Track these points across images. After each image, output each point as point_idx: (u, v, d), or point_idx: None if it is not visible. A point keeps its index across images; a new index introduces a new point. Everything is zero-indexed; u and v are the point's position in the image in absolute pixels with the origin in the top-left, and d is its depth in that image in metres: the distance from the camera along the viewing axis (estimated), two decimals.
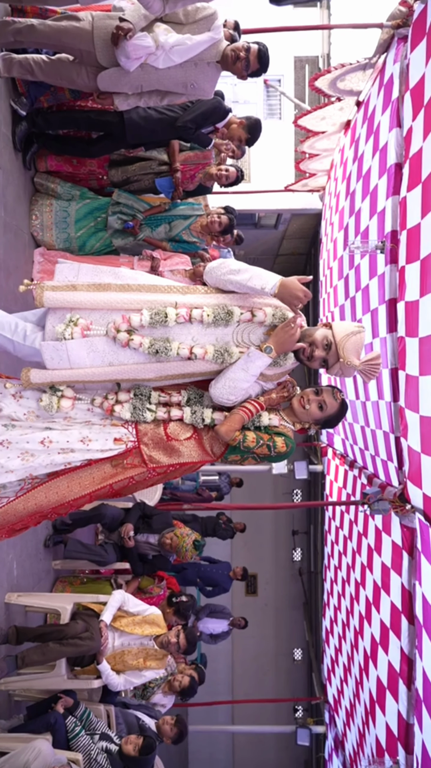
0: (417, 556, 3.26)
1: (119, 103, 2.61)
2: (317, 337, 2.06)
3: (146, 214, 3.41)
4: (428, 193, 2.90)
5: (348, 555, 5.01)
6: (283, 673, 10.49)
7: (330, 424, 2.21)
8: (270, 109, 7.51)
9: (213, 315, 2.03)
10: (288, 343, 2.02)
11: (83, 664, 3.28)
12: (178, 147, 3.36)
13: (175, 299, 2.06)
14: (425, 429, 2.94)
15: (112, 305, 2.02)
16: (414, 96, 3.18)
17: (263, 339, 2.09)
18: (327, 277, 5.82)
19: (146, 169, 3.36)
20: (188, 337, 2.06)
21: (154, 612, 3.41)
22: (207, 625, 5.97)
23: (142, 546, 4.01)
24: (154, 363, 2.04)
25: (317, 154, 5.41)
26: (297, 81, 7.25)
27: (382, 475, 4.01)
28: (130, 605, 3.39)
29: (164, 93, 2.56)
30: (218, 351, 2.04)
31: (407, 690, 3.37)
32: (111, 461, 2.01)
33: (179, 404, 2.12)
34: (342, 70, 4.03)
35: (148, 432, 2.06)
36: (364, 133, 4.33)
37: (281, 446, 2.08)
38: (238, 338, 2.09)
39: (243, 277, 2.02)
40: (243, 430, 2.08)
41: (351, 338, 2.03)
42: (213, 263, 2.09)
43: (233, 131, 3.42)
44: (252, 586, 10.65)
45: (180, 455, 2.06)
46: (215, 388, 2.05)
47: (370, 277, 3.99)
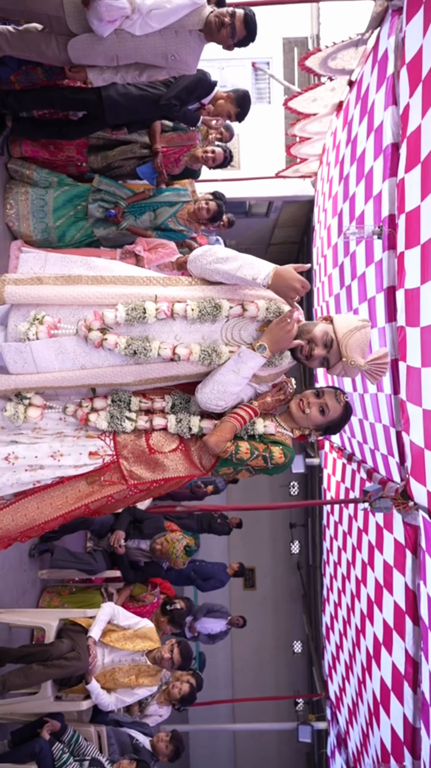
0: (421, 555, 3.14)
1: (93, 78, 2.41)
2: (316, 333, 1.85)
3: (129, 201, 3.21)
4: (428, 174, 2.74)
5: (347, 551, 4.89)
6: (283, 666, 10.46)
7: (332, 430, 1.99)
8: (259, 93, 7.29)
9: (198, 309, 1.81)
10: (284, 340, 1.81)
11: (71, 684, 3.08)
12: (159, 128, 3.15)
13: (155, 292, 1.83)
14: (428, 423, 2.80)
15: (82, 300, 1.79)
16: (410, 71, 3.00)
17: (256, 336, 1.89)
18: (321, 265, 5.65)
19: (127, 153, 3.15)
20: (170, 335, 1.85)
21: (146, 625, 3.22)
22: (204, 625, 5.85)
23: (133, 552, 3.84)
24: (132, 365, 1.83)
25: (308, 137, 5.22)
26: (287, 63, 7.03)
27: (382, 470, 3.87)
28: (120, 618, 3.20)
29: (143, 66, 2.36)
30: (205, 351, 1.83)
31: (413, 693, 3.25)
32: (86, 478, 1.80)
33: (163, 411, 1.91)
34: (334, 48, 3.84)
35: (127, 444, 1.85)
36: (358, 114, 4.15)
37: (279, 457, 1.87)
38: (228, 336, 1.88)
39: (232, 265, 1.80)
40: (236, 440, 1.87)
41: (354, 334, 1.82)
42: (197, 251, 1.87)
43: (221, 106, 3.20)
44: (251, 579, 10.58)
45: (164, 469, 1.85)
46: (202, 393, 1.84)
47: (367, 265, 3.83)
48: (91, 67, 2.37)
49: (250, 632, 9.53)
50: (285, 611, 10.48)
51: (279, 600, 10.56)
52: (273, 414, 2.00)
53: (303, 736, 6.41)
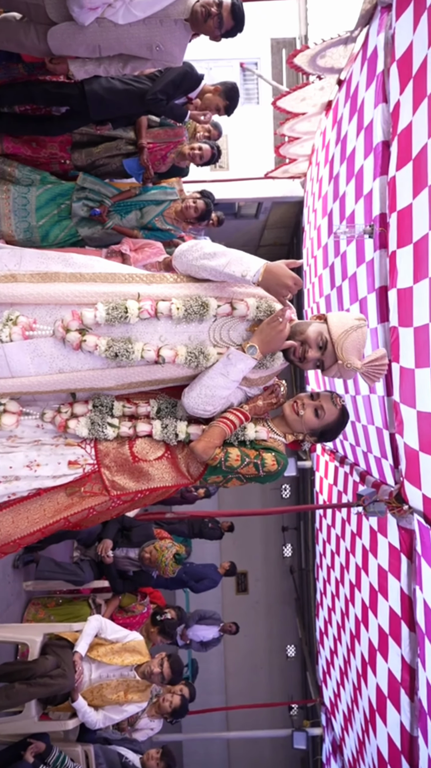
0: (416, 559, 3.08)
1: (75, 70, 2.33)
2: (310, 334, 1.75)
3: (115, 199, 3.12)
4: (419, 171, 2.69)
5: (341, 555, 4.82)
6: (277, 671, 10.38)
7: (328, 436, 1.89)
8: (247, 94, 7.25)
9: (184, 308, 1.71)
10: (276, 340, 1.72)
11: (56, 702, 2.94)
12: (145, 123, 3.07)
13: (138, 290, 1.73)
14: (423, 425, 2.74)
15: (60, 299, 1.68)
16: (401, 67, 2.96)
17: (246, 337, 1.79)
18: (311, 266, 5.61)
19: (112, 150, 3.06)
20: (154, 336, 1.74)
21: (134, 638, 3.10)
22: (196, 633, 5.75)
23: (122, 562, 3.72)
24: (114, 369, 1.72)
25: (297, 137, 5.18)
26: (275, 64, 7.00)
27: (375, 473, 3.81)
28: (107, 632, 3.07)
29: (127, 58, 2.28)
30: (191, 353, 1.72)
31: (410, 701, 3.19)
32: (65, 489, 1.69)
33: (148, 416, 1.81)
34: (322, 46, 3.80)
35: (110, 452, 1.74)
36: (347, 113, 4.10)
37: (271, 464, 1.76)
38: (216, 336, 1.77)
39: (220, 261, 1.70)
40: (225, 447, 1.76)
41: (350, 335, 1.72)
42: (183, 246, 1.77)
43: (209, 100, 3.12)
44: (243, 584, 10.50)
45: (149, 479, 1.74)
46: (189, 398, 1.74)
47: (358, 265, 3.78)
48: (72, 58, 2.29)
49: (243, 637, 9.45)
50: (278, 615, 10.42)
51: (271, 604, 10.49)
52: (265, 419, 1.91)
53: (298, 743, 6.34)
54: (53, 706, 2.98)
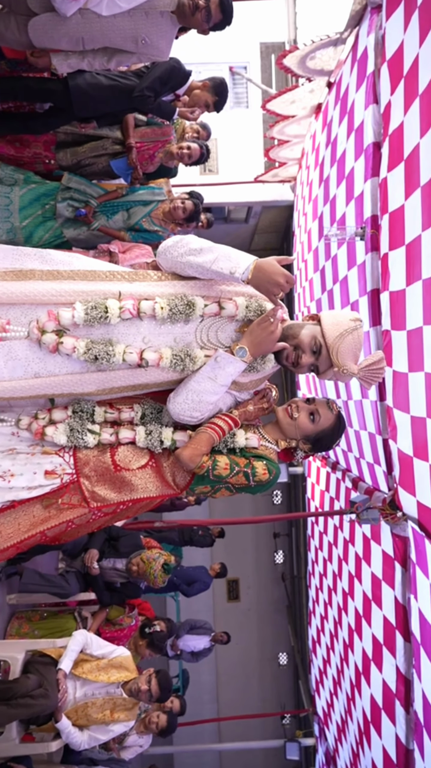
0: (411, 567, 3.01)
1: (57, 64, 2.25)
2: (303, 339, 1.66)
3: (101, 200, 3.04)
4: (411, 171, 2.65)
5: (333, 562, 4.75)
6: (269, 679, 10.28)
7: (323, 443, 1.78)
8: (236, 98, 7.22)
9: (169, 308, 1.61)
10: (267, 342, 1.62)
11: (39, 723, 2.81)
12: (132, 122, 2.99)
13: (119, 288, 1.63)
14: (417, 431, 2.68)
15: (35, 298, 1.57)
16: (391, 67, 2.93)
17: (235, 338, 1.69)
18: (302, 270, 5.57)
19: (98, 149, 2.99)
20: (137, 337, 1.64)
21: (121, 654, 2.98)
22: (187, 643, 5.64)
23: (109, 573, 3.61)
24: (94, 373, 1.62)
25: (287, 140, 5.14)
26: (264, 68, 6.97)
27: (368, 479, 3.75)
28: (93, 647, 2.95)
29: (111, 52, 2.21)
30: (177, 355, 1.62)
31: (405, 713, 3.12)
32: (41, 501, 1.58)
33: (131, 422, 1.70)
34: (312, 47, 3.76)
35: (89, 460, 1.63)
36: (337, 115, 4.07)
37: (262, 473, 1.66)
38: (203, 338, 1.68)
39: (207, 258, 1.61)
40: (213, 454, 1.66)
41: (345, 339, 1.63)
42: (168, 241, 1.67)
43: (197, 96, 3.05)
44: (234, 591, 10.40)
45: (132, 489, 1.63)
46: (174, 403, 1.64)
47: (349, 268, 3.74)
48: (54, 51, 2.22)
49: (235, 645, 9.34)
50: (270, 623, 10.32)
51: (263, 611, 10.40)
52: (256, 425, 1.81)
53: (291, 754, 6.24)
54: (36, 726, 2.85)
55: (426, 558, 2.75)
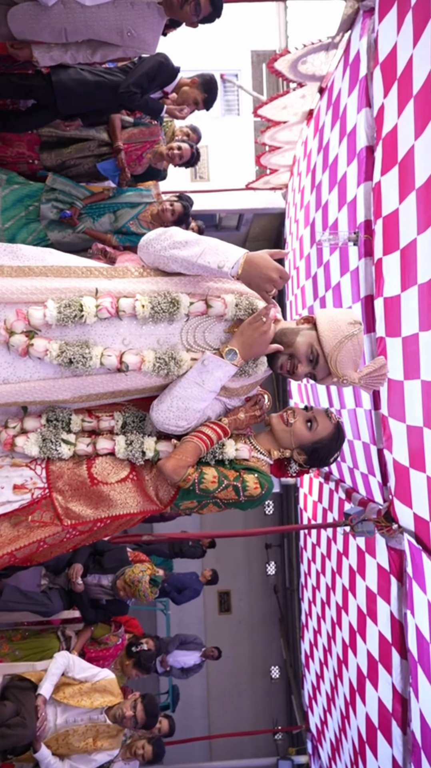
0: (407, 582, 2.92)
1: (39, 56, 2.17)
2: (299, 348, 1.53)
3: (86, 201, 2.95)
4: (406, 174, 2.59)
5: (326, 575, 4.65)
6: (261, 693, 10.10)
7: (319, 455, 1.64)
8: (227, 105, 7.20)
9: (150, 306, 1.47)
10: (259, 343, 1.50)
11: (16, 753, 2.66)
12: (119, 123, 2.91)
13: (96, 285, 1.49)
14: (413, 440, 2.60)
15: (2, 296, 1.44)
16: (384, 70, 2.88)
17: (224, 339, 1.56)
18: (293, 278, 5.51)
19: (84, 151, 2.89)
20: (116, 339, 1.50)
21: (105, 677, 2.82)
22: (177, 659, 5.49)
23: (94, 589, 3.45)
24: (69, 378, 1.48)
25: (279, 146, 5.10)
26: (255, 76, 6.96)
27: (362, 490, 3.66)
28: (75, 670, 2.79)
29: (96, 44, 2.13)
30: (160, 359, 1.49)
31: (402, 733, 3.01)
32: (10, 518, 1.45)
33: (111, 432, 1.57)
34: (304, 51, 3.72)
35: (64, 473, 1.49)
36: (329, 121, 4.03)
37: (253, 487, 1.52)
38: (189, 339, 1.55)
39: (192, 251, 1.47)
40: (200, 466, 1.53)
41: (344, 346, 1.51)
42: (150, 234, 1.54)
43: (186, 94, 2.96)
44: (226, 603, 10.25)
45: (110, 505, 1.49)
46: (158, 411, 1.50)
47: (342, 274, 3.68)
48: (36, 43, 2.13)
49: (226, 658, 9.19)
50: (262, 635, 10.17)
51: (255, 624, 10.24)
52: (247, 435, 1.68)
53: None
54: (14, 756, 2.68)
55: (424, 572, 2.66)
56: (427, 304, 2.36)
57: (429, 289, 2.34)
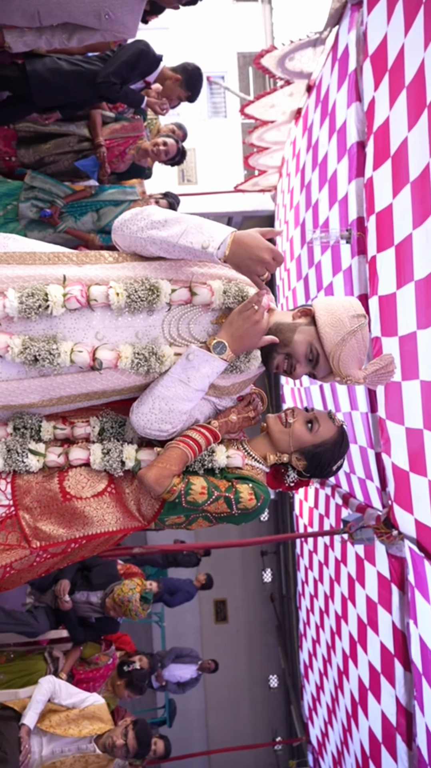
0: (409, 591, 2.81)
1: (12, 41, 2.06)
2: (297, 347, 1.38)
3: (68, 200, 2.83)
4: (399, 168, 2.50)
5: (325, 583, 4.53)
6: (260, 703, 9.95)
7: (321, 460, 1.47)
8: (214, 108, 7.13)
9: (126, 294, 1.31)
10: (251, 335, 1.34)
11: None
12: (100, 118, 2.80)
13: (63, 272, 1.33)
14: (413, 443, 2.50)
15: None
16: (374, 63, 2.80)
17: (211, 331, 1.39)
18: (284, 280, 5.43)
19: (63, 147, 2.77)
20: (88, 332, 1.32)
21: (94, 702, 2.65)
22: (173, 673, 5.34)
23: (82, 607, 3.29)
24: (36, 379, 1.31)
25: (267, 147, 5.02)
26: (242, 78, 6.91)
27: (360, 495, 3.56)
28: (62, 696, 2.62)
29: (72, 28, 2.02)
30: (140, 354, 1.32)
31: (407, 749, 2.89)
32: None
33: (87, 440, 1.41)
34: (291, 47, 3.65)
35: (31, 488, 1.33)
36: (318, 118, 3.95)
37: (248, 499, 1.35)
38: (172, 332, 1.38)
39: (173, 231, 1.30)
40: (187, 476, 1.36)
41: (347, 343, 1.35)
42: (125, 214, 1.37)
43: (169, 89, 2.86)
44: (222, 612, 10.10)
45: (86, 523, 1.33)
46: (139, 414, 1.34)
47: (334, 274, 3.59)
48: (9, 28, 2.02)
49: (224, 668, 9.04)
50: (260, 644, 10.02)
51: (252, 632, 10.09)
52: (240, 439, 1.52)
53: None
54: None
55: (426, 581, 2.55)
56: (425, 300, 2.27)
57: (427, 285, 2.24)
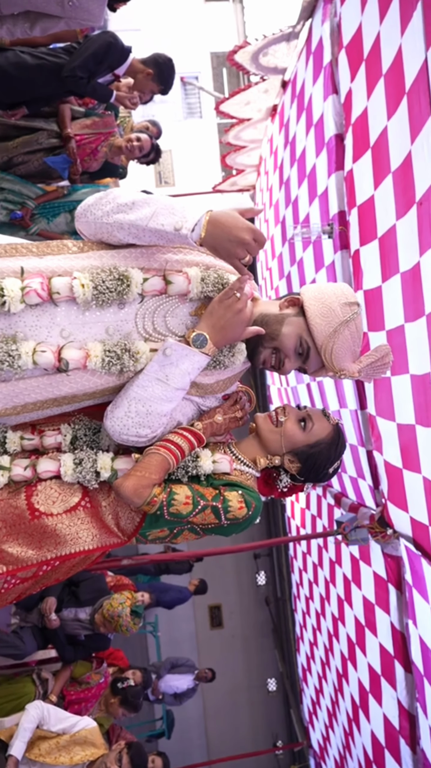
0: (407, 590, 2.75)
1: None
2: (286, 341, 1.27)
3: (39, 201, 2.73)
4: (380, 158, 2.45)
5: (320, 585, 4.46)
6: (259, 708, 9.87)
7: (316, 462, 1.36)
8: (189, 108, 7.07)
9: (93, 286, 1.19)
10: (233, 325, 1.22)
11: None
12: (69, 112, 2.70)
13: (21, 264, 1.20)
14: (405, 439, 2.44)
15: None
16: (350, 53, 2.75)
17: (190, 324, 1.28)
18: (266, 279, 5.37)
19: (32, 144, 2.67)
20: (53, 330, 1.19)
21: (86, 726, 2.52)
22: (169, 684, 5.23)
23: (70, 625, 3.15)
24: None
25: (244, 146, 4.97)
26: (216, 78, 6.86)
27: (352, 494, 3.50)
28: (51, 722, 2.49)
29: (34, 16, 1.93)
30: (111, 352, 1.20)
31: (411, 752, 2.82)
32: None
33: (58, 449, 1.28)
34: (264, 42, 3.59)
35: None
36: (294, 113, 3.90)
37: (237, 506, 1.23)
38: (146, 326, 1.26)
39: (142, 213, 1.18)
40: (169, 485, 1.24)
41: (340, 335, 1.25)
42: (89, 199, 1.26)
43: (141, 83, 2.76)
44: (217, 618, 10.00)
45: (58, 542, 1.20)
46: (114, 419, 1.22)
47: (317, 270, 3.53)
48: None
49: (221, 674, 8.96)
50: (256, 648, 9.95)
51: (248, 636, 10.02)
52: (227, 442, 1.39)
53: None
54: None
55: (424, 580, 2.49)
56: (412, 292, 2.21)
57: (413, 276, 2.19)
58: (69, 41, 2.37)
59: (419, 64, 1.99)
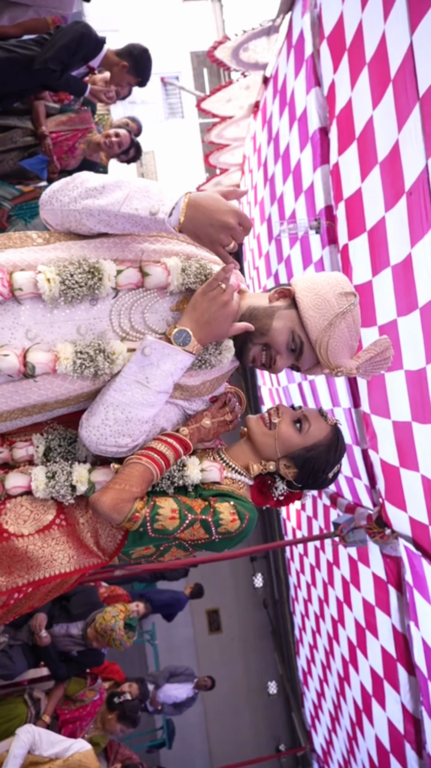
0: (407, 591, 2.68)
1: None
2: (277, 336, 1.15)
3: (16, 201, 2.64)
4: (366, 149, 2.39)
5: (318, 587, 4.39)
6: (260, 711, 9.79)
7: (314, 466, 1.24)
8: (171, 109, 7.01)
9: (60, 280, 1.06)
10: (218, 319, 1.09)
11: None
12: (43, 108, 2.61)
13: None
14: (401, 437, 2.38)
15: None
16: (332, 44, 2.69)
17: (172, 320, 1.16)
18: (254, 279, 5.30)
19: (6, 143, 2.57)
20: (17, 331, 1.07)
21: (80, 749, 2.41)
22: (168, 693, 5.13)
23: (62, 641, 3.04)
24: None
25: (227, 144, 4.91)
26: (196, 77, 6.80)
27: (348, 494, 3.43)
28: (43, 746, 2.38)
29: (2, 6, 1.85)
30: (83, 353, 1.06)
31: (418, 757, 2.76)
32: None
33: (30, 462, 1.17)
34: (244, 37, 3.53)
35: None
36: (277, 109, 3.84)
37: (230, 519, 1.10)
38: (122, 323, 1.13)
39: (114, 197, 1.05)
40: (152, 498, 1.10)
41: (336, 329, 1.13)
42: (54, 185, 1.14)
43: (117, 76, 2.67)
44: (216, 622, 9.92)
45: (31, 565, 1.08)
46: (90, 428, 1.09)
47: (305, 267, 3.47)
48: None
49: (221, 679, 8.86)
50: (256, 651, 9.87)
51: (247, 640, 9.94)
52: (217, 448, 1.27)
53: None
54: None
55: (425, 580, 2.43)
56: (404, 286, 2.15)
57: (404, 269, 2.12)
58: (40, 32, 2.28)
59: (404, 49, 1.93)
